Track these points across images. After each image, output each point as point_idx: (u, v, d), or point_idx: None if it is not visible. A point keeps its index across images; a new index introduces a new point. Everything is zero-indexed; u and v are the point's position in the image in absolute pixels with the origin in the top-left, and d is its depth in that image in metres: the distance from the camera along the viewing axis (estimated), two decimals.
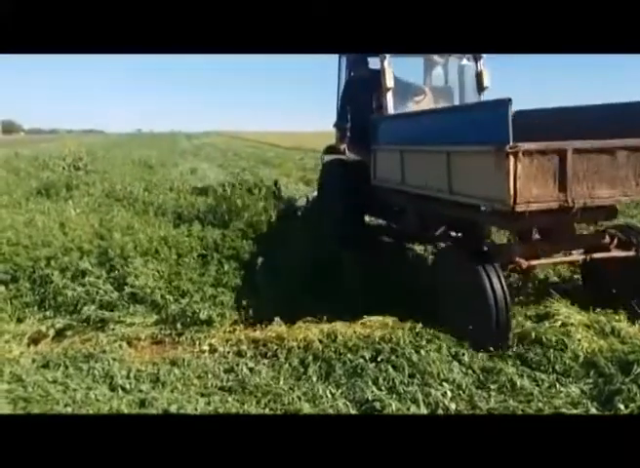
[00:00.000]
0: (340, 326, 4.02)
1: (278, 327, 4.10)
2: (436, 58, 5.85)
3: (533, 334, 3.73)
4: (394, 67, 5.19)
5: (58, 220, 6.02)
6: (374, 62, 5.59)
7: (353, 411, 2.96)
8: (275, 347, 3.79)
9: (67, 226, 5.74)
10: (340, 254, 5.20)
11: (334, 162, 6.41)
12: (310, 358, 3.60)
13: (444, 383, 3.18)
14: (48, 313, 4.40)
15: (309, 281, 4.75)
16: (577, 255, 4.17)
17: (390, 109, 5.19)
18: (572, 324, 3.82)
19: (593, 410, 2.84)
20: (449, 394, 3.07)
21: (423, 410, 2.93)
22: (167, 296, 4.50)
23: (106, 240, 5.33)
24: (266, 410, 3.01)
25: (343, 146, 6.08)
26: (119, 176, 10.17)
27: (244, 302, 4.52)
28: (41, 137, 54.50)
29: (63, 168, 11.75)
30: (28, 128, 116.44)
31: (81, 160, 12.68)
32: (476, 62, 5.64)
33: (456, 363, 3.45)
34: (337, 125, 6.29)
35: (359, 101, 5.77)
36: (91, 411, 2.93)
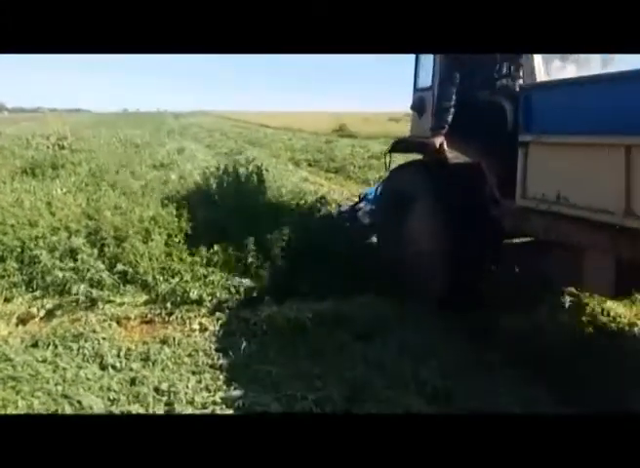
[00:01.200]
0: (330, 304, 4.05)
1: (268, 306, 4.12)
2: None
3: None
4: None
5: (44, 200, 5.95)
6: None
7: (343, 389, 2.99)
8: (265, 326, 3.81)
9: (54, 206, 5.68)
10: None
11: (421, 168, 4.18)
12: (300, 336, 3.62)
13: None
14: (37, 293, 4.37)
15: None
16: None
17: (539, 75, 3.38)
18: None
19: None
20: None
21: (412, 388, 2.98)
22: (157, 276, 4.49)
23: (95, 219, 5.29)
24: (255, 386, 3.04)
25: (439, 140, 3.82)
26: (106, 156, 10.04)
27: (235, 282, 4.52)
28: (24, 116, 53.48)
29: (48, 147, 11.58)
30: (11, 107, 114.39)
31: (66, 139, 12.50)
32: None
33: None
34: (433, 106, 4.06)
35: (478, 67, 3.88)
36: (81, 390, 2.93)
